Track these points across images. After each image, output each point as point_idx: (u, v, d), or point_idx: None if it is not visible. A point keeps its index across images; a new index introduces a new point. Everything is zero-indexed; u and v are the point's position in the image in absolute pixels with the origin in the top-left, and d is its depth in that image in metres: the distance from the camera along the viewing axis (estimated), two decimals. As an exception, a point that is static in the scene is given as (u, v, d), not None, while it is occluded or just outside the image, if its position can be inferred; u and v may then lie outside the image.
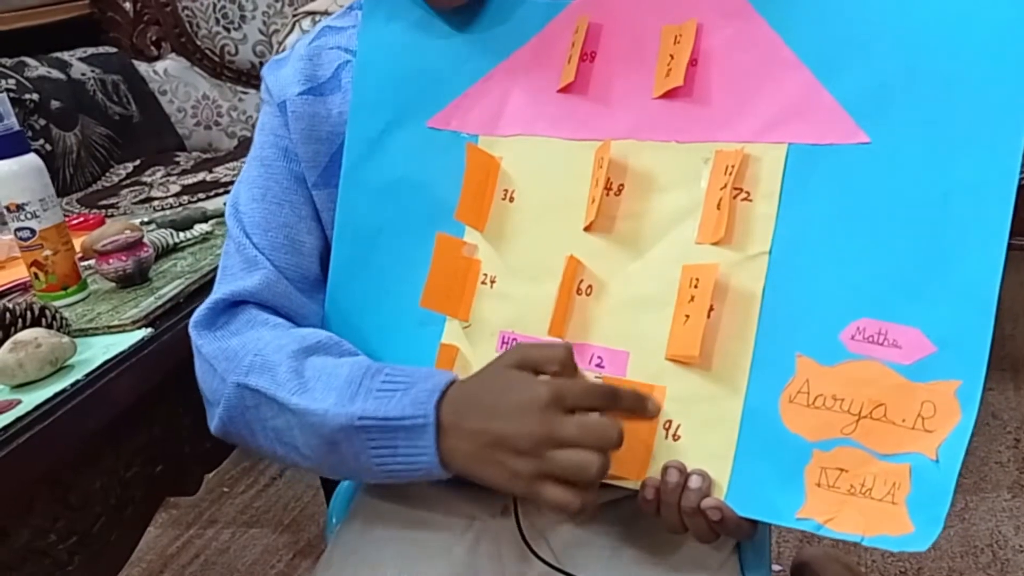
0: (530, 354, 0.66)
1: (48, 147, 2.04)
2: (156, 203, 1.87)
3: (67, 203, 2.01)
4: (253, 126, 2.43)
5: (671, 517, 0.65)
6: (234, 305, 0.78)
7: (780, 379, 0.63)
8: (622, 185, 0.70)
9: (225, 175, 1.97)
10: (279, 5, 2.35)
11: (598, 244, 0.70)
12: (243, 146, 2.30)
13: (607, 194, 0.70)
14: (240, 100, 2.46)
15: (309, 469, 0.76)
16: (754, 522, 0.65)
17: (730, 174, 0.66)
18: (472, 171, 0.74)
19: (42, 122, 2.04)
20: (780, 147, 0.65)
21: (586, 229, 0.71)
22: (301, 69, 0.84)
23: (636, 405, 0.66)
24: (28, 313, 0.82)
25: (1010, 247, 0.58)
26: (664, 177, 0.69)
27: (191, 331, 0.78)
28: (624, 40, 0.72)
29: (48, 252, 0.92)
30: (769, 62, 0.67)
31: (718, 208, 0.66)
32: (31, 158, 0.92)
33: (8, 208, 0.91)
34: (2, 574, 0.70)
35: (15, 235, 0.92)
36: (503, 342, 0.73)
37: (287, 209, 0.81)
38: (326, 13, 1.63)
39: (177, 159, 2.25)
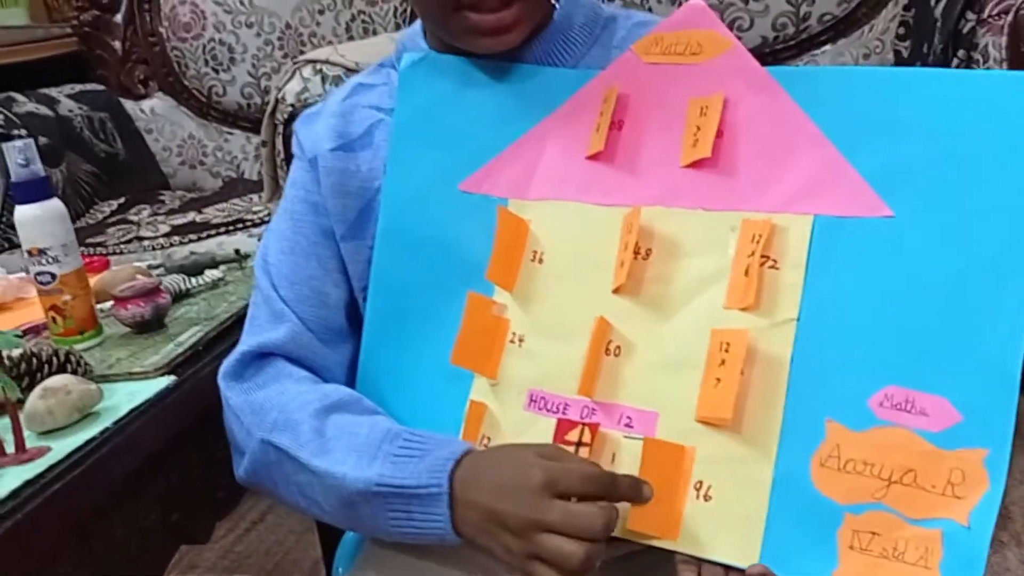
0: (556, 470, 0.66)
1: (35, 183, 2.03)
2: (146, 243, 1.87)
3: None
4: (238, 167, 2.45)
5: None
6: (261, 357, 0.80)
7: (811, 443, 0.65)
8: (650, 250, 0.72)
9: (215, 216, 1.97)
10: (269, 49, 2.37)
11: (626, 306, 0.72)
12: (229, 186, 2.31)
13: (635, 258, 0.72)
14: (226, 141, 2.47)
15: (330, 523, 0.77)
16: None
17: (757, 242, 0.68)
18: (503, 233, 0.76)
19: (29, 158, 2.03)
20: (806, 218, 0.67)
21: (615, 291, 0.72)
22: (333, 126, 0.86)
23: (632, 494, 0.66)
24: (54, 359, 0.82)
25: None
26: (691, 243, 0.71)
27: (220, 382, 0.79)
28: (652, 111, 0.74)
29: (67, 297, 0.92)
30: (794, 136, 0.69)
31: (746, 275, 0.68)
32: (54, 204, 0.92)
33: (30, 252, 0.91)
34: (28, 622, 0.70)
35: (35, 279, 0.92)
36: (531, 400, 0.74)
37: (314, 262, 0.83)
38: (327, 62, 1.65)
39: (162, 198, 2.26)
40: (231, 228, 1.87)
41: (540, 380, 0.74)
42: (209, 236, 1.83)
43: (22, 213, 0.91)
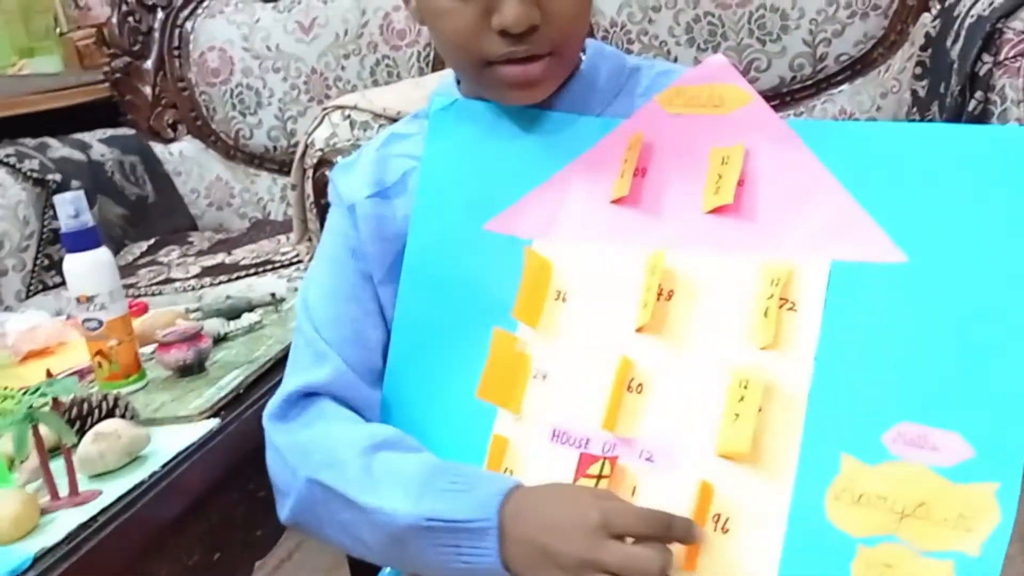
0: (613, 510, 0.67)
1: (68, 227, 2.08)
2: (177, 284, 1.91)
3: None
4: (264, 208, 2.50)
5: None
6: (305, 397, 0.81)
7: (826, 477, 0.67)
8: (672, 291, 0.75)
9: (244, 257, 2.01)
10: (295, 93, 2.43)
11: (648, 345, 0.74)
12: (256, 228, 2.35)
13: (658, 299, 0.74)
14: (252, 182, 2.52)
15: (375, 562, 0.79)
16: None
17: (776, 285, 0.71)
18: (529, 273, 0.79)
19: (63, 202, 2.08)
20: (823, 263, 0.70)
21: (638, 331, 0.75)
22: (369, 174, 0.88)
23: (686, 536, 0.67)
24: (103, 404, 0.85)
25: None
26: (713, 286, 0.74)
27: (265, 423, 0.81)
28: (674, 159, 0.78)
29: (113, 342, 0.95)
30: (812, 185, 0.72)
31: (765, 316, 0.70)
32: (102, 252, 0.96)
33: (79, 299, 0.95)
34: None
35: (83, 325, 0.95)
36: (554, 434, 0.76)
37: (354, 305, 0.85)
38: (355, 108, 1.69)
39: (191, 239, 2.30)
40: (260, 269, 1.90)
41: (563, 415, 0.76)
42: (239, 277, 1.87)
43: (72, 262, 0.95)
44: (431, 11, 0.78)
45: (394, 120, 1.65)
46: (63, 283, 2.05)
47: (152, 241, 2.25)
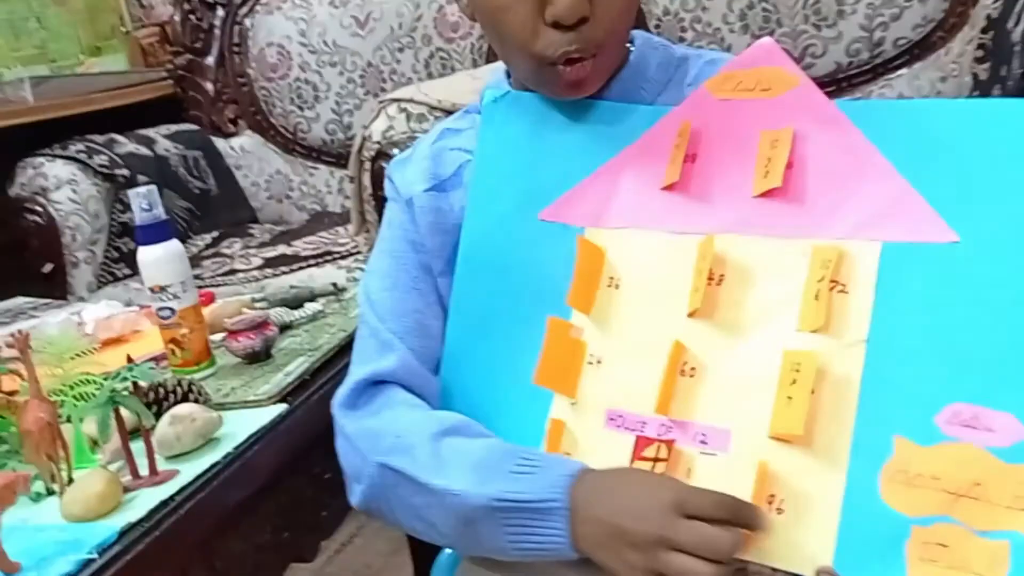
0: (687, 491, 0.68)
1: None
2: (240, 275, 1.96)
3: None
4: (322, 200, 2.55)
5: None
6: (373, 385, 0.83)
7: (879, 458, 0.67)
8: (723, 275, 0.75)
9: (304, 249, 2.06)
10: (351, 87, 2.47)
11: (700, 329, 0.75)
12: (315, 220, 2.40)
13: (709, 284, 0.75)
14: (311, 175, 2.57)
15: (445, 546, 0.81)
16: None
17: (828, 268, 0.71)
18: (582, 260, 0.80)
19: (131, 196, 2.15)
20: (875, 244, 0.70)
21: (690, 315, 0.75)
22: (425, 168, 0.90)
23: (754, 521, 0.68)
24: (178, 388, 0.89)
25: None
26: (763, 269, 0.74)
27: (334, 411, 0.83)
28: (724, 144, 0.78)
29: (185, 330, 0.99)
30: (863, 166, 0.72)
31: (816, 299, 0.71)
32: (174, 244, 1.00)
33: (152, 289, 0.99)
34: (162, 631, 0.75)
35: (157, 313, 1.00)
36: (610, 419, 0.78)
37: (416, 296, 0.87)
38: (411, 100, 1.72)
39: (252, 231, 2.36)
40: (320, 260, 1.94)
41: (618, 400, 0.77)
42: (300, 268, 1.91)
43: (145, 254, 0.99)
44: (485, 7, 0.78)
45: (449, 112, 1.68)
46: (132, 275, 2.13)
47: (215, 234, 2.31)
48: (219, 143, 2.53)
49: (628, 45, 0.85)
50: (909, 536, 0.66)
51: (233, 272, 1.99)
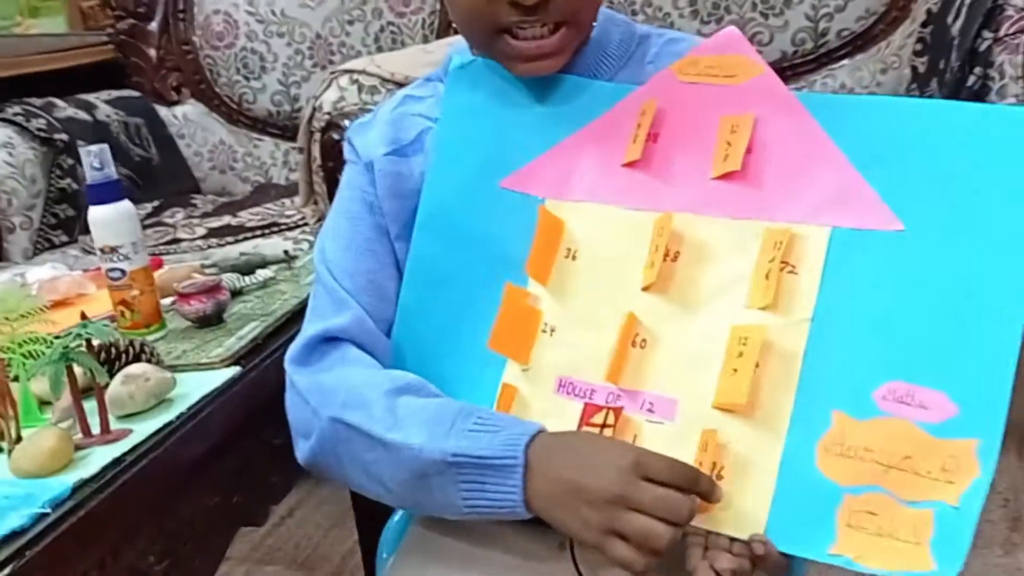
0: (648, 455, 0.71)
1: (75, 186, 2.10)
2: (184, 244, 1.93)
3: (91, 241, 2.07)
4: (267, 172, 2.52)
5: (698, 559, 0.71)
6: (326, 341, 0.83)
7: (817, 430, 0.71)
8: (679, 252, 0.78)
9: (249, 220, 2.04)
10: (299, 58, 2.44)
11: (654, 303, 0.78)
12: (260, 191, 2.37)
13: (665, 260, 0.78)
14: (255, 147, 2.54)
15: (391, 503, 0.81)
16: (788, 562, 0.71)
17: (778, 249, 0.74)
18: (542, 231, 0.82)
19: (70, 162, 2.10)
20: (824, 229, 0.74)
21: (644, 289, 0.78)
22: (386, 133, 0.91)
23: (709, 492, 0.71)
24: (130, 349, 0.88)
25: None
26: (718, 248, 0.77)
27: (287, 366, 0.83)
28: (686, 126, 0.80)
29: (136, 292, 0.98)
30: (817, 155, 0.76)
31: (766, 278, 0.74)
32: (126, 204, 0.98)
33: (102, 250, 0.97)
34: (112, 592, 0.75)
35: (107, 275, 0.98)
36: (560, 385, 0.80)
37: (371, 257, 0.87)
38: (364, 72, 1.71)
39: (194, 202, 2.32)
40: (267, 232, 1.93)
41: (569, 367, 0.79)
42: (245, 239, 1.89)
43: (96, 213, 0.97)
44: None
45: (402, 85, 1.67)
46: (70, 241, 2.08)
47: (156, 203, 2.27)
48: (162, 111, 2.48)
49: (592, 22, 0.86)
50: (841, 504, 0.69)
51: (176, 241, 1.95)
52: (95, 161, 0.96)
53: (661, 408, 0.76)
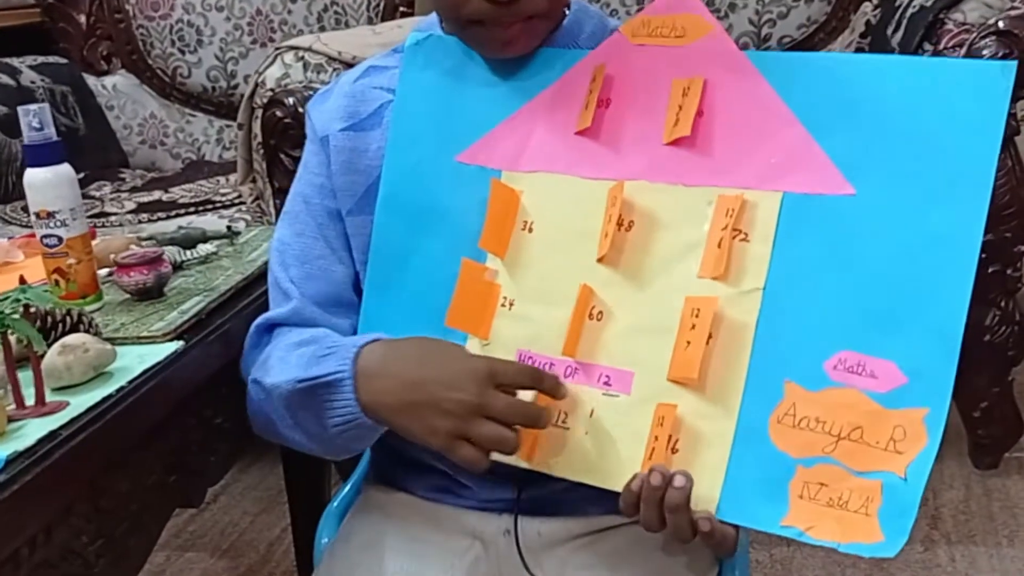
0: (498, 363, 0.75)
1: (-6, 153, 2.01)
2: (112, 218, 1.86)
3: (11, 210, 1.98)
4: (199, 149, 2.45)
5: (651, 514, 0.71)
6: (269, 329, 0.87)
7: (770, 402, 0.72)
8: (632, 222, 0.78)
9: (182, 196, 1.98)
10: (238, 34, 2.38)
11: (609, 274, 0.77)
12: (192, 168, 2.30)
13: (619, 229, 0.77)
14: (188, 122, 2.46)
15: (312, 451, 0.84)
16: (736, 537, 0.72)
17: (731, 216, 0.74)
18: (495, 203, 0.81)
19: (-12, 127, 2.01)
20: (776, 195, 0.74)
21: (599, 260, 0.77)
22: (344, 106, 0.89)
23: (554, 388, 0.75)
24: (67, 319, 0.84)
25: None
26: (670, 216, 0.77)
27: (244, 353, 0.89)
28: (637, 90, 0.79)
29: (72, 261, 0.94)
30: (768, 117, 0.75)
31: (719, 247, 0.74)
32: (65, 168, 0.94)
33: (38, 215, 0.93)
34: (43, 571, 0.71)
35: (42, 241, 0.94)
36: (520, 359, 0.79)
37: (322, 243, 0.88)
38: (310, 49, 1.67)
39: (122, 176, 2.24)
40: (200, 209, 1.87)
41: (528, 341, 0.79)
42: (178, 215, 1.84)
43: (33, 176, 0.93)
44: None
45: (350, 65, 1.64)
46: (-11, 210, 1.99)
47: (82, 175, 2.17)
48: (90, 80, 2.39)
49: (564, 10, 0.85)
50: (793, 476, 0.70)
51: (104, 215, 1.89)
52: (34, 121, 0.91)
53: (617, 381, 0.76)
